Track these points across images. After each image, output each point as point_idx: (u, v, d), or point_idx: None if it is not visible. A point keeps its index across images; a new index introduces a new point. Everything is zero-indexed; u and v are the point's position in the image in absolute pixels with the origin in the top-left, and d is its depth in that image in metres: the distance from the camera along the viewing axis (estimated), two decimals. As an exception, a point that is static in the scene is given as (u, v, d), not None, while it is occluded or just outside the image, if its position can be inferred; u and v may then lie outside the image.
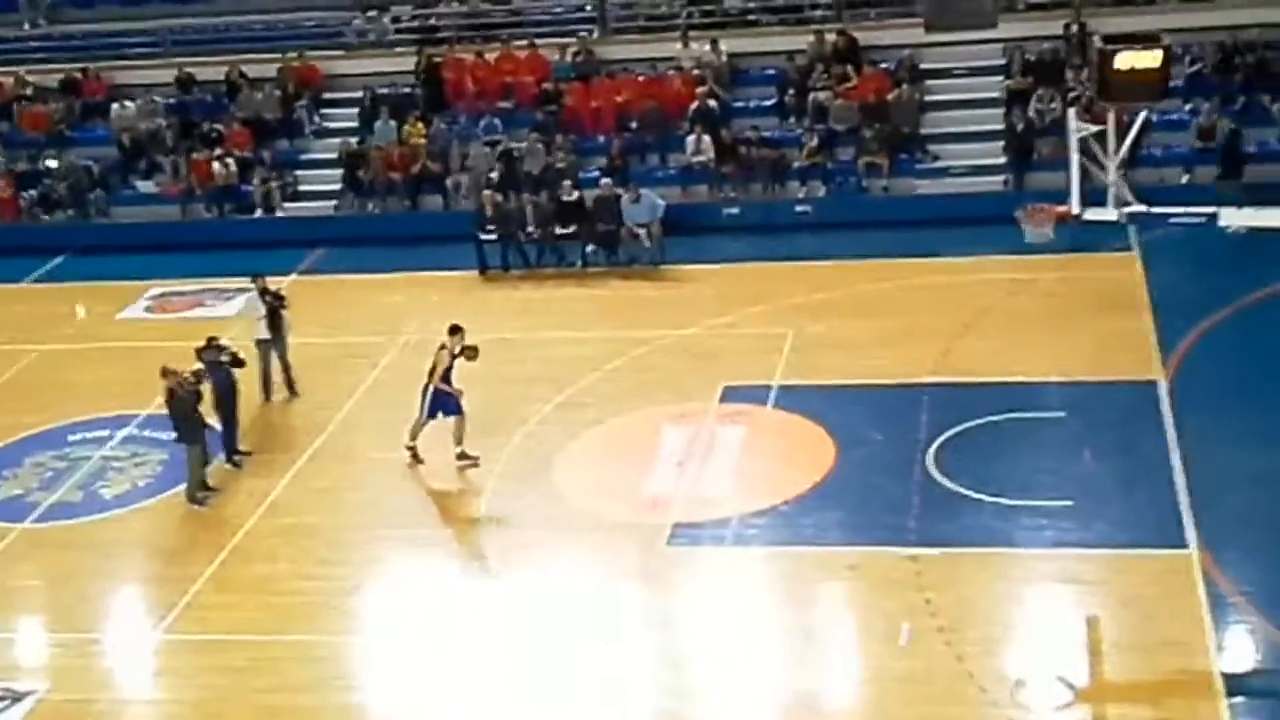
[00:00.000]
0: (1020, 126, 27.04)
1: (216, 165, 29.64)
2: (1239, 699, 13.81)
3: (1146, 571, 15.87)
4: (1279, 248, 22.11)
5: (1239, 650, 14.68)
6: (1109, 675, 14.49)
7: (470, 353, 19.44)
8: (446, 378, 19.21)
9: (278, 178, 29.72)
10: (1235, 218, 16.95)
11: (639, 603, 16.39)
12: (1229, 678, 14.12)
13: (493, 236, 26.41)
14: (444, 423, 19.33)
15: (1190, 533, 16.38)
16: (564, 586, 16.74)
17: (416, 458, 19.47)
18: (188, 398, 18.95)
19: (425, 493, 18.92)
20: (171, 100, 31.72)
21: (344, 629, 16.28)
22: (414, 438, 19.48)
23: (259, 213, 29.48)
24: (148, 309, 26.20)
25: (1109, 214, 17.35)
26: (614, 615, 16.13)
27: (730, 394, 20.57)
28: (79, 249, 29.10)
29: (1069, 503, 17.18)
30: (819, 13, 30.25)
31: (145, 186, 30.56)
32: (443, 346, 19.34)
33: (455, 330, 19.49)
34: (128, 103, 31.42)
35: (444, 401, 19.24)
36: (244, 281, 22.73)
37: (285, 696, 15.07)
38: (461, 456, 19.29)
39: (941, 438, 18.84)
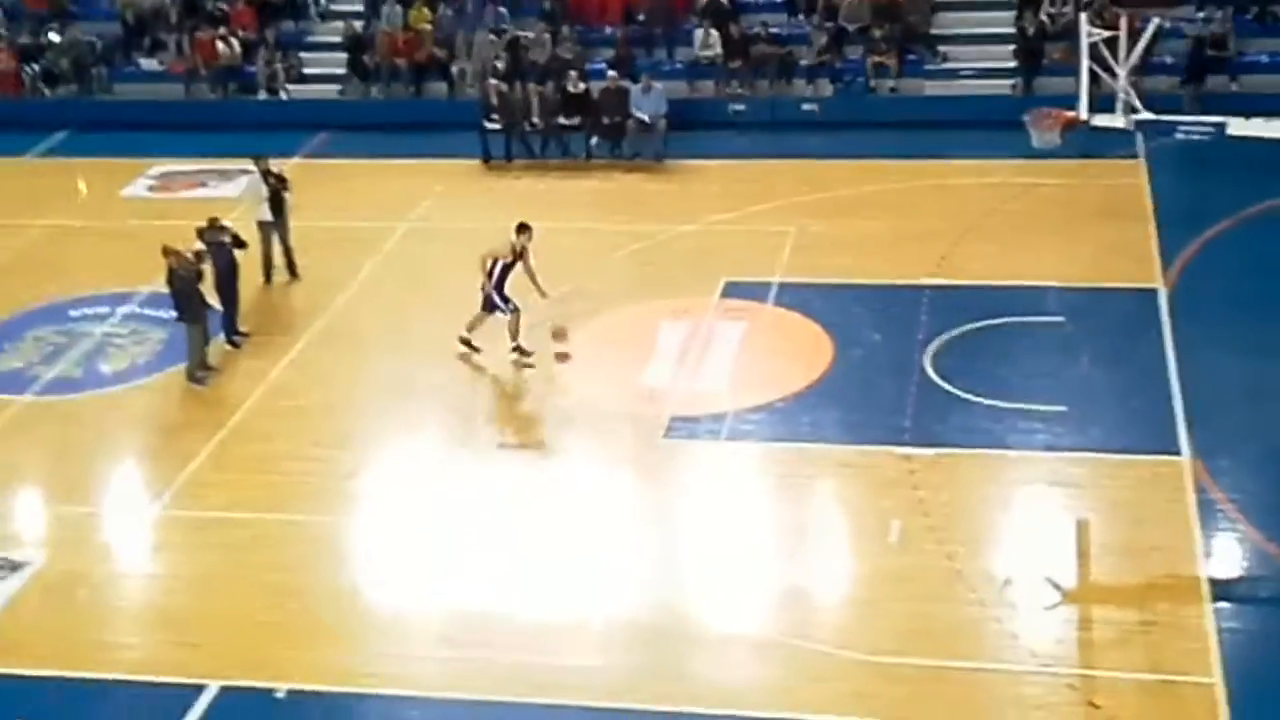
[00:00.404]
0: (1031, 30, 26.82)
1: (221, 45, 29.42)
2: (1224, 604, 13.98)
3: (1138, 477, 16.00)
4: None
5: (1226, 556, 14.85)
6: (1097, 577, 14.66)
7: (559, 334, 19.02)
8: (495, 273, 18.82)
9: (282, 59, 29.49)
10: (1243, 128, 16.85)
11: (633, 493, 16.53)
12: (1215, 583, 14.29)
13: (497, 126, 26.30)
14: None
15: (1183, 440, 16.50)
16: (560, 474, 16.89)
17: (471, 347, 19.24)
18: (189, 277, 18.96)
19: (421, 378, 18.97)
20: (176, -23, 31.43)
21: (341, 509, 16.40)
22: (513, 338, 19.06)
23: (263, 94, 29.31)
24: (150, 187, 26.13)
25: (1117, 121, 17.23)
26: (608, 505, 16.27)
27: (731, 290, 20.60)
28: (82, 124, 28.94)
29: (1064, 408, 17.27)
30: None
31: (149, 64, 30.37)
32: (513, 248, 18.92)
33: (522, 228, 19.10)
34: (133, -22, 31.13)
35: (499, 298, 18.91)
36: (247, 163, 22.67)
37: (282, 574, 15.23)
38: (516, 350, 19.05)
39: (940, 339, 18.91)
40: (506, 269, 18.96)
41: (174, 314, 19.26)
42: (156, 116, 28.77)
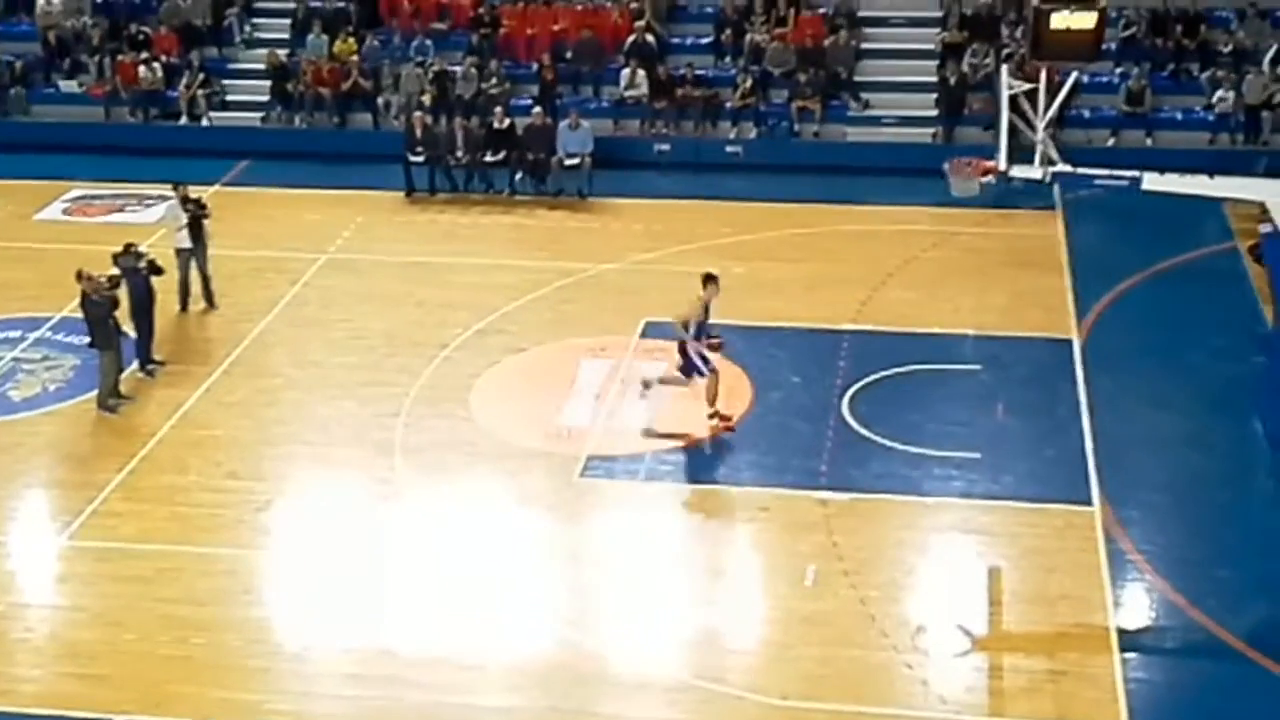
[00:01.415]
0: (953, 80, 27.15)
1: (143, 69, 29.15)
2: (1132, 654, 14.12)
3: (1050, 525, 16.14)
4: (1197, 216, 22.79)
5: (1135, 607, 14.99)
6: (1007, 625, 14.75)
7: (712, 287, 17.77)
8: (700, 334, 17.78)
9: (205, 85, 29.27)
10: (1158, 183, 17.13)
11: (548, 532, 16.45)
12: (1123, 633, 14.44)
13: (421, 159, 26.23)
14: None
15: (1094, 490, 16.67)
16: (474, 512, 16.78)
17: (724, 420, 18.05)
18: (103, 303, 18.71)
19: (338, 412, 18.81)
20: (99, -1, 31.20)
21: (251, 544, 16.23)
22: (710, 403, 17.91)
23: (184, 119, 29.07)
24: (65, 211, 25.80)
25: (1035, 172, 17.47)
26: (522, 543, 16.20)
27: (652, 330, 20.59)
28: (-4, 146, 28.59)
29: (978, 455, 17.41)
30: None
31: (68, 86, 30.01)
32: (704, 304, 17.79)
33: (710, 279, 17.91)
34: (54, -1, 30.84)
35: (700, 360, 17.79)
36: (165, 189, 22.43)
37: (189, 608, 15.02)
38: (714, 416, 17.96)
39: (858, 384, 19.01)
40: (701, 327, 17.90)
41: (87, 340, 18.99)
42: (74, 139, 28.44)
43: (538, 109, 26.60)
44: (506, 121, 26.36)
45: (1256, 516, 16.60)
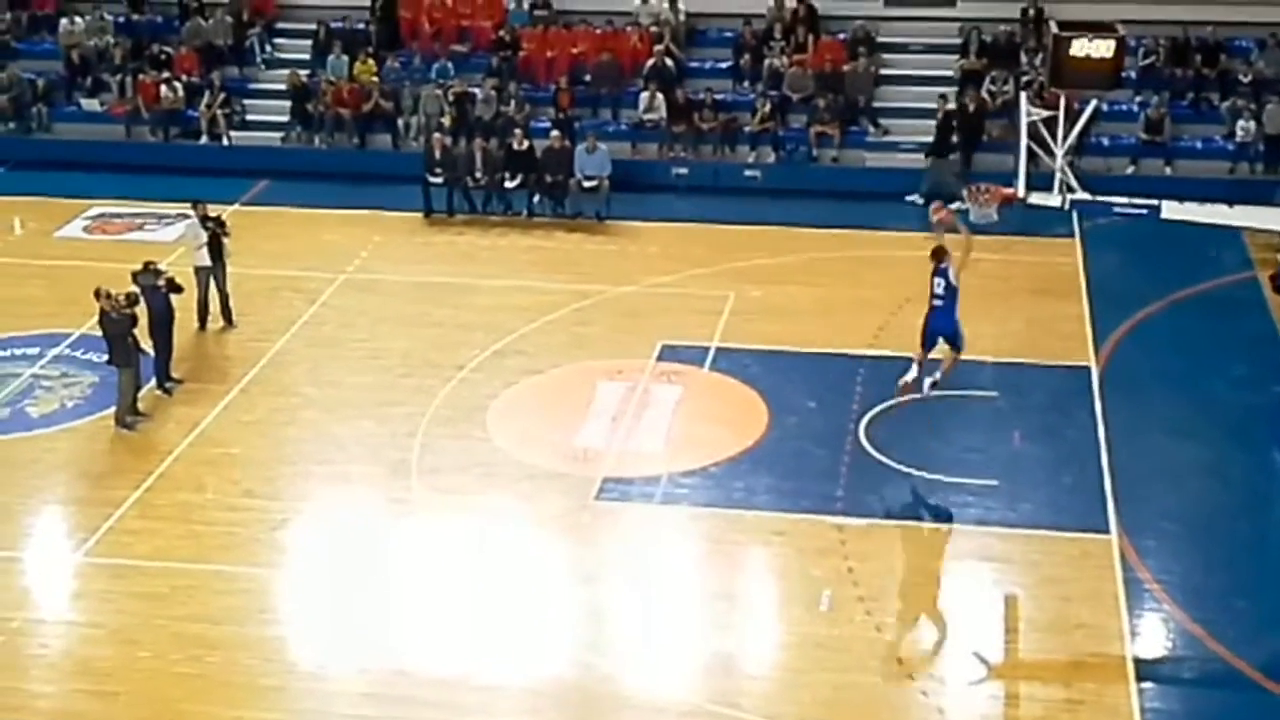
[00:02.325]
0: (972, 107, 27.15)
1: (164, 88, 29.28)
2: (1148, 684, 14.06)
3: (1066, 554, 16.09)
4: (1216, 245, 22.76)
5: (1151, 637, 14.93)
6: (1023, 654, 14.69)
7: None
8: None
9: (225, 105, 29.39)
10: (1177, 211, 17.12)
11: (564, 554, 16.45)
12: (1140, 663, 14.38)
13: (440, 180, 26.29)
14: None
15: (1112, 519, 16.61)
16: (489, 533, 16.77)
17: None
18: (122, 320, 18.76)
19: (355, 431, 18.83)
20: (121, 19, 31.29)
21: (267, 562, 16.24)
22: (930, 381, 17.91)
23: (204, 139, 29.19)
24: (85, 228, 25.88)
25: (1053, 200, 17.46)
26: (538, 565, 16.19)
27: (668, 353, 20.62)
28: (19, 163, 28.62)
29: (995, 482, 17.38)
30: (780, -23, 30.21)
31: (90, 105, 30.11)
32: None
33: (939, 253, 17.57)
34: (77, 18, 30.94)
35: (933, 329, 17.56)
36: (185, 207, 22.51)
37: (203, 626, 15.03)
38: (933, 386, 17.83)
39: (874, 410, 18.97)
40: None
41: (105, 358, 19.04)
42: (95, 157, 28.55)
43: (556, 132, 26.65)
44: (526, 144, 26.41)
45: (1275, 547, 16.56)
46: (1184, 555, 16.15)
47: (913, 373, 17.73)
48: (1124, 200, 17.62)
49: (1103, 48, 16.67)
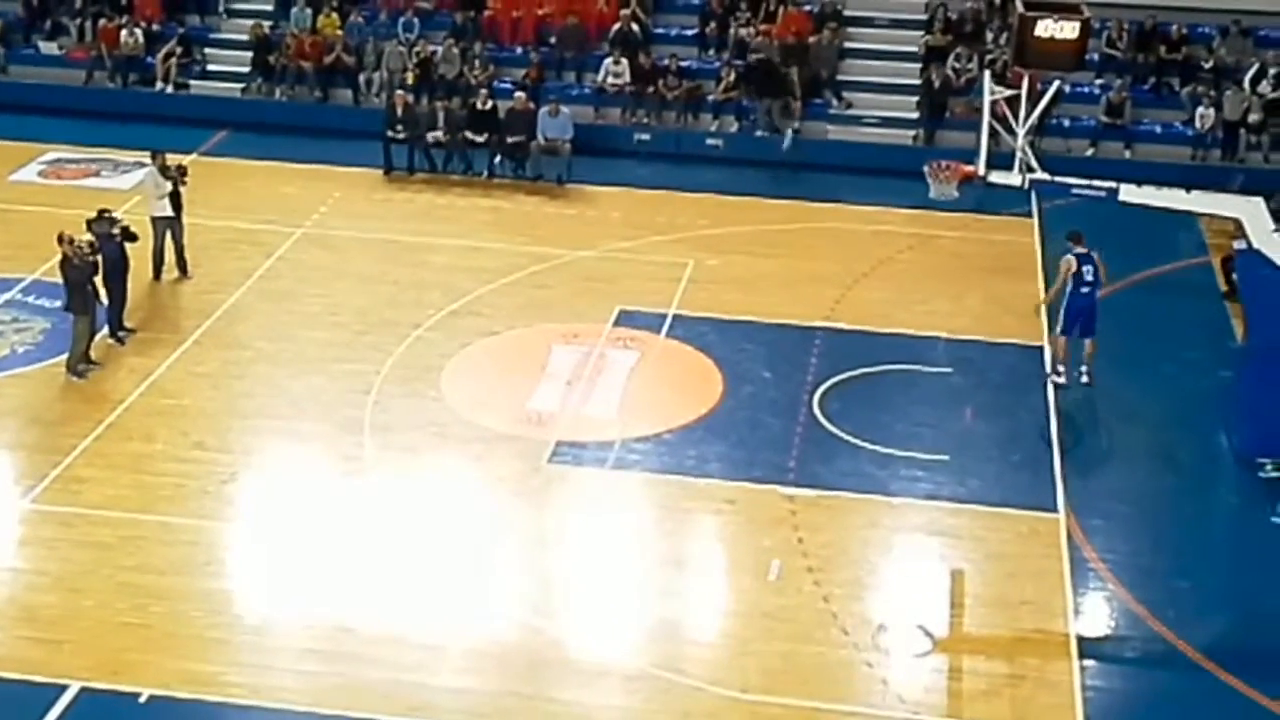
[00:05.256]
0: (936, 83, 27.19)
1: (124, 34, 28.96)
2: (1090, 662, 14.21)
3: (1014, 531, 16.22)
4: (1174, 229, 22.90)
5: (1095, 615, 15.08)
6: (968, 628, 14.81)
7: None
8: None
9: (186, 54, 29.10)
10: (1135, 194, 17.23)
11: (514, 516, 16.44)
12: (1083, 640, 14.52)
13: (401, 137, 26.12)
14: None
15: (1060, 498, 16.75)
16: (440, 492, 16.77)
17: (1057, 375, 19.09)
18: (83, 267, 18.60)
19: (308, 387, 18.74)
20: (83, -38, 30.95)
21: (215, 515, 16.16)
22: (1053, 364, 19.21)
23: (165, 87, 28.89)
24: (40, 173, 25.59)
25: (1013, 179, 17.53)
26: (487, 526, 16.18)
27: (625, 318, 20.60)
28: (-28, 106, 28.37)
29: (946, 457, 17.48)
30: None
31: (48, 48, 29.78)
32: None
33: (1075, 237, 18.98)
34: (37, -40, 30.59)
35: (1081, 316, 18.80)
36: (143, 155, 22.31)
37: (150, 577, 14.96)
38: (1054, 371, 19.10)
39: (828, 382, 19.04)
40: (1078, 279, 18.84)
41: (60, 304, 18.87)
42: (53, 101, 28.25)
43: (520, 93, 26.53)
44: (489, 104, 26.28)
45: (1219, 530, 16.76)
46: (1130, 536, 16.30)
47: (1060, 369, 18.88)
48: (1083, 182, 17.70)
49: (1067, 29, 16.71)
